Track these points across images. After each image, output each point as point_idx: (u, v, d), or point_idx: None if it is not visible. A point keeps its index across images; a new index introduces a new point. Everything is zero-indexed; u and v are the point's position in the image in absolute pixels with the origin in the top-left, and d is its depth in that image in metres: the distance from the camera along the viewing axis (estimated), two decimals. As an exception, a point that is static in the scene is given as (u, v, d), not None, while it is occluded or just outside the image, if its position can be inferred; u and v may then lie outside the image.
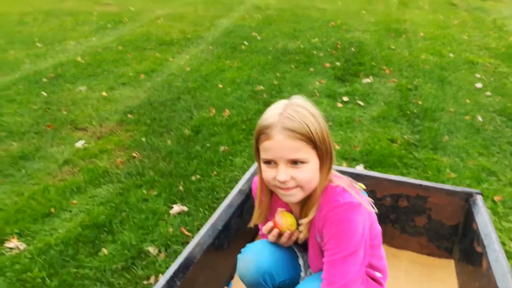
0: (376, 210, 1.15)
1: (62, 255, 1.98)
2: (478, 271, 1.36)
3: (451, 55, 5.22)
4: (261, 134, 1.06)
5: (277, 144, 1.02)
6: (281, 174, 1.03)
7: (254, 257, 1.20)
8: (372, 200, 1.14)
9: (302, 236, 1.15)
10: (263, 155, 1.07)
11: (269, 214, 1.22)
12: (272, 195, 1.20)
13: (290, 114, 1.03)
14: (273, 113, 1.06)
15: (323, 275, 1.06)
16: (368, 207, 1.09)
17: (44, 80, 4.43)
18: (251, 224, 1.24)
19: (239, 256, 1.23)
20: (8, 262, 1.93)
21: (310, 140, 1.03)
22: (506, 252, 1.96)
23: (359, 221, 1.04)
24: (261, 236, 1.31)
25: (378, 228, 1.21)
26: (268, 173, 1.07)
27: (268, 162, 1.07)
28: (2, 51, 5.51)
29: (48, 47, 5.70)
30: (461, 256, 1.61)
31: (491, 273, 1.19)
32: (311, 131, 1.03)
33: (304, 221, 1.12)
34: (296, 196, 1.08)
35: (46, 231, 2.16)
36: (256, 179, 1.24)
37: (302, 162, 1.04)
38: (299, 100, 1.08)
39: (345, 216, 1.04)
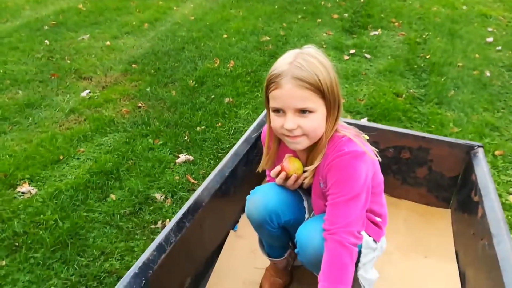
0: (380, 159, 1.18)
1: (73, 199, 2.05)
2: (473, 219, 1.41)
3: (464, 7, 5.04)
4: (271, 83, 1.07)
5: (286, 93, 1.04)
6: (288, 122, 1.06)
7: (262, 197, 1.25)
8: (377, 150, 1.16)
9: (306, 181, 1.18)
10: (272, 104, 1.09)
11: (277, 160, 1.26)
12: (280, 142, 1.23)
13: (300, 63, 1.04)
14: (284, 62, 1.07)
15: (325, 216, 1.10)
16: (372, 156, 1.11)
17: (46, 27, 4.35)
18: (259, 169, 1.28)
19: (248, 197, 1.29)
20: (21, 205, 2.01)
21: (319, 90, 1.04)
22: (503, 204, 2.02)
23: (363, 169, 1.08)
24: (268, 181, 1.36)
25: (380, 176, 1.25)
26: (276, 121, 1.10)
27: (276, 110, 1.09)
28: (2, -3, 5.37)
29: (48, -7, 5.54)
30: (458, 206, 1.66)
31: (485, 220, 1.24)
32: (320, 81, 1.04)
33: (309, 168, 1.15)
34: (302, 143, 1.11)
35: (56, 177, 2.23)
36: (265, 127, 1.26)
37: (310, 112, 1.05)
38: (310, 50, 1.09)
39: (349, 163, 1.07)
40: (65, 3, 5.16)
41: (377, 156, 1.16)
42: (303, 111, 1.05)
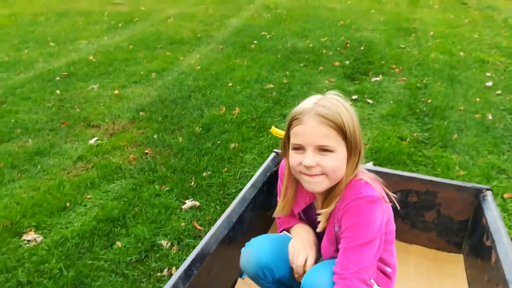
0: (398, 207, 1.18)
1: (78, 247, 2.03)
2: (487, 264, 1.38)
3: (462, 53, 5.20)
4: (293, 120, 1.09)
5: (308, 129, 1.05)
6: (308, 158, 1.05)
7: (255, 251, 1.22)
8: (396, 196, 1.16)
9: (321, 225, 1.16)
10: (293, 140, 1.09)
11: (294, 206, 1.25)
12: (297, 186, 1.22)
13: (325, 103, 1.07)
14: (308, 102, 1.10)
15: (338, 260, 1.08)
16: (388, 202, 1.12)
17: (58, 78, 4.51)
18: (274, 215, 1.27)
19: (242, 249, 1.26)
20: (26, 254, 1.99)
21: (341, 130, 1.05)
22: (516, 248, 1.98)
23: (378, 214, 1.07)
24: (280, 231, 1.35)
25: (393, 225, 1.23)
26: (295, 158, 1.09)
27: (297, 148, 1.09)
28: (17, 50, 5.62)
29: (61, 46, 5.80)
30: (470, 251, 1.63)
31: (500, 266, 1.21)
32: (342, 121, 1.05)
33: (324, 211, 1.14)
34: (320, 184, 1.09)
35: (62, 224, 2.22)
36: (283, 162, 1.27)
37: (330, 151, 1.05)
38: (334, 95, 1.12)
39: (365, 208, 1.06)
40: (77, 55, 5.38)
41: (396, 204, 1.16)
42: (323, 150, 1.05)
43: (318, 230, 1.18)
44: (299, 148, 1.08)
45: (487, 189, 1.61)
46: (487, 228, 1.43)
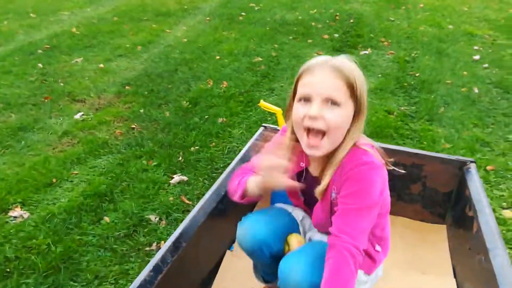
0: (402, 171, 1.19)
1: (66, 223, 2.02)
2: (468, 234, 1.42)
3: (450, 26, 5.17)
4: (304, 71, 1.06)
5: (319, 78, 1.02)
6: (314, 108, 1.01)
7: (251, 226, 1.21)
8: (392, 160, 1.15)
9: (319, 191, 1.12)
10: (300, 91, 1.05)
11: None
12: (294, 149, 1.15)
13: (338, 60, 1.05)
14: (321, 57, 1.08)
15: (334, 221, 1.06)
16: (387, 166, 1.12)
17: (40, 51, 4.38)
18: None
19: (238, 225, 1.25)
20: (13, 230, 1.98)
21: (352, 86, 1.02)
22: (497, 218, 2.02)
23: (379, 181, 1.06)
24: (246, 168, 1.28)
25: (389, 197, 1.21)
26: (299, 110, 1.04)
27: (303, 99, 1.04)
28: (-5, 22, 5.42)
29: (42, 18, 5.61)
30: (453, 221, 1.67)
31: (481, 235, 1.25)
32: (355, 78, 1.02)
33: (325, 177, 1.09)
34: (321, 149, 1.05)
35: (48, 200, 2.20)
36: (278, 135, 1.25)
37: (337, 105, 1.01)
38: (346, 56, 1.09)
39: (367, 173, 1.04)
40: (59, 27, 5.21)
41: (393, 168, 1.15)
42: (331, 103, 1.01)
43: (317, 195, 1.14)
44: (306, 99, 1.03)
45: (471, 162, 1.64)
46: (470, 199, 1.46)
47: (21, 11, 5.89)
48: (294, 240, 1.22)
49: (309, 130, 1.03)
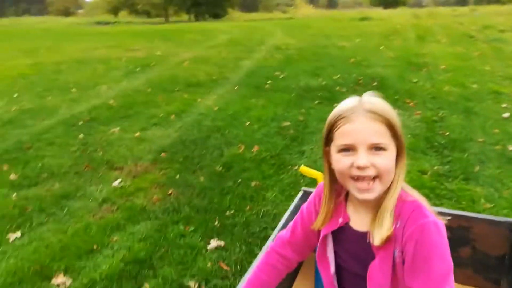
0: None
1: (107, 290, 2.04)
2: (527, 299, 1.34)
3: (475, 86, 5.24)
4: (338, 120, 0.99)
5: (359, 127, 0.96)
6: (361, 158, 0.95)
7: None
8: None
9: (378, 243, 0.99)
10: (341, 142, 0.99)
11: (324, 227, 1.12)
12: (336, 201, 1.12)
13: (369, 100, 0.99)
14: (351, 100, 1.01)
15: None
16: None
17: (80, 123, 4.67)
18: (313, 227, 1.15)
19: None
20: (56, 297, 2.01)
21: (391, 126, 0.97)
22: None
23: (446, 240, 0.98)
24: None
25: None
26: (343, 161, 0.98)
27: (345, 149, 0.98)
28: (41, 97, 5.87)
29: (82, 93, 6.04)
30: (509, 286, 1.59)
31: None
32: (392, 117, 0.98)
33: (384, 230, 0.98)
34: (374, 192, 0.99)
35: (90, 267, 2.24)
36: (320, 185, 1.17)
37: (383, 149, 0.96)
38: (371, 94, 1.03)
39: (439, 236, 0.97)
40: (98, 100, 5.58)
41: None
42: (376, 148, 0.96)
43: (375, 243, 1.00)
44: (348, 149, 0.98)
45: (522, 222, 1.60)
46: (525, 262, 1.40)
47: (64, 87, 6.39)
48: None
49: (358, 178, 0.98)
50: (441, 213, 1.68)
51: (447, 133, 3.78)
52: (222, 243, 2.37)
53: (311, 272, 1.76)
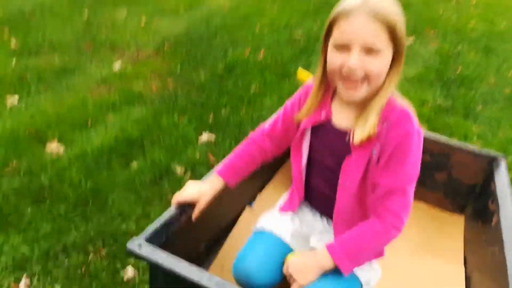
0: None
1: (97, 162, 2.13)
2: (486, 226, 1.42)
3: (503, 25, 4.94)
4: (339, 15, 0.95)
5: (358, 25, 0.92)
6: (353, 59, 0.93)
7: (247, 275, 1.10)
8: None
9: (357, 141, 1.00)
10: (337, 38, 0.96)
11: (306, 119, 1.13)
12: (323, 94, 1.10)
13: (377, 0, 0.94)
14: None
15: (379, 198, 1.03)
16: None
17: (87, -1, 4.47)
18: (296, 117, 1.15)
19: (234, 264, 1.14)
20: (49, 161, 2.11)
21: (392, 30, 0.93)
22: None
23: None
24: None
25: None
26: (336, 59, 0.96)
27: (340, 46, 0.96)
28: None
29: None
30: (473, 214, 1.67)
31: (499, 228, 1.24)
32: (395, 21, 0.93)
33: (366, 129, 0.99)
34: (360, 92, 0.98)
35: (83, 139, 2.32)
36: (310, 82, 1.17)
37: (377, 52, 0.94)
38: None
39: (418, 142, 1.00)
40: (107, -21, 5.27)
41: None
42: (370, 50, 0.93)
43: (354, 141, 1.01)
44: (343, 47, 0.95)
45: (502, 157, 1.62)
46: (495, 194, 1.45)
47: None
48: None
49: (346, 78, 0.97)
50: (426, 138, 1.71)
51: (460, 69, 3.66)
52: (213, 137, 2.42)
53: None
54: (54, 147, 2.19)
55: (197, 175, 2.09)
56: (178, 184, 2.04)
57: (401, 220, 1.03)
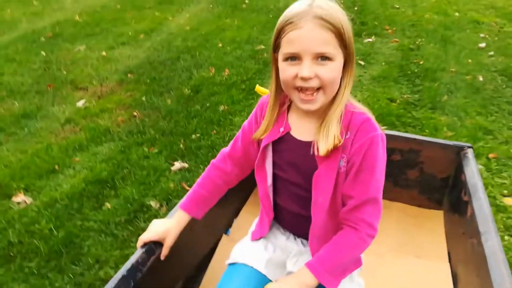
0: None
1: (68, 208, 2.06)
2: (463, 219, 1.42)
3: (457, 14, 5.09)
4: (286, 25, 0.93)
5: (306, 34, 0.90)
6: (305, 69, 0.91)
7: None
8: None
9: (326, 147, 0.97)
10: (286, 49, 0.93)
11: (265, 136, 1.10)
12: (279, 110, 1.08)
13: (321, 5, 0.92)
14: (301, 4, 0.94)
15: (351, 209, 1.00)
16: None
17: (42, 39, 4.39)
18: (253, 137, 1.12)
19: None
20: (16, 215, 2.02)
21: (340, 35, 0.92)
22: (498, 206, 2.04)
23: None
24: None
25: None
26: (288, 71, 0.94)
27: (290, 57, 0.94)
28: (-1, 10, 5.43)
29: (45, 5, 5.61)
30: (449, 207, 1.68)
31: (474, 219, 1.25)
32: (342, 25, 0.91)
33: (330, 139, 0.96)
34: (317, 102, 0.96)
35: (51, 186, 2.23)
36: (264, 97, 1.15)
37: (329, 59, 0.92)
38: None
39: (381, 149, 0.98)
40: (62, 15, 5.21)
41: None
42: (322, 58, 0.91)
43: (319, 152, 0.98)
44: (293, 57, 0.93)
45: (469, 147, 1.64)
46: (466, 184, 1.46)
47: (25, -1, 5.90)
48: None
49: (301, 89, 0.95)
50: (394, 136, 1.71)
51: (421, 62, 3.73)
52: (186, 165, 2.38)
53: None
54: (20, 199, 2.11)
55: (173, 208, 2.03)
56: (155, 219, 1.98)
57: (375, 228, 1.02)
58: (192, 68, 3.67)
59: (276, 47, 0.98)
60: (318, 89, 0.95)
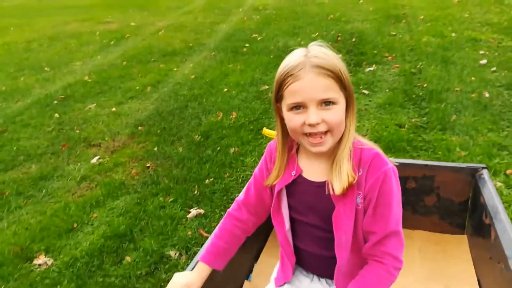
0: None
1: (88, 266, 2.06)
2: (488, 242, 1.38)
3: (453, 34, 5.18)
4: (286, 78, 0.97)
5: (308, 84, 0.95)
6: (312, 116, 0.95)
7: None
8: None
9: (341, 186, 0.99)
10: (291, 100, 0.98)
11: (286, 171, 1.11)
12: (288, 154, 1.11)
13: (316, 54, 0.97)
14: (297, 56, 0.98)
15: (373, 244, 1.02)
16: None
17: (55, 102, 4.55)
18: (266, 184, 1.14)
19: None
20: (38, 278, 2.02)
21: (340, 78, 0.97)
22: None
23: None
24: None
25: None
26: (295, 120, 0.98)
27: (295, 107, 0.98)
28: (13, 78, 5.69)
29: (56, 70, 5.86)
30: (473, 230, 1.63)
31: (499, 243, 1.21)
32: (339, 69, 0.97)
33: (344, 177, 0.99)
34: (326, 144, 1.00)
35: (71, 245, 2.25)
36: (272, 142, 1.18)
37: (333, 103, 0.97)
38: (317, 45, 1.01)
39: (397, 182, 1.02)
40: (72, 78, 5.43)
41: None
42: (326, 103, 0.96)
43: (336, 192, 1.01)
44: (298, 106, 0.97)
45: (483, 168, 1.62)
46: (485, 206, 1.43)
47: (36, 66, 6.18)
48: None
49: (310, 134, 0.99)
50: (405, 164, 1.70)
51: (425, 85, 3.77)
52: (201, 211, 2.39)
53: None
54: (41, 261, 2.12)
55: (192, 256, 2.03)
56: (175, 269, 1.97)
57: (400, 260, 1.03)
58: (200, 114, 3.75)
59: (279, 98, 1.02)
60: (326, 132, 0.98)
